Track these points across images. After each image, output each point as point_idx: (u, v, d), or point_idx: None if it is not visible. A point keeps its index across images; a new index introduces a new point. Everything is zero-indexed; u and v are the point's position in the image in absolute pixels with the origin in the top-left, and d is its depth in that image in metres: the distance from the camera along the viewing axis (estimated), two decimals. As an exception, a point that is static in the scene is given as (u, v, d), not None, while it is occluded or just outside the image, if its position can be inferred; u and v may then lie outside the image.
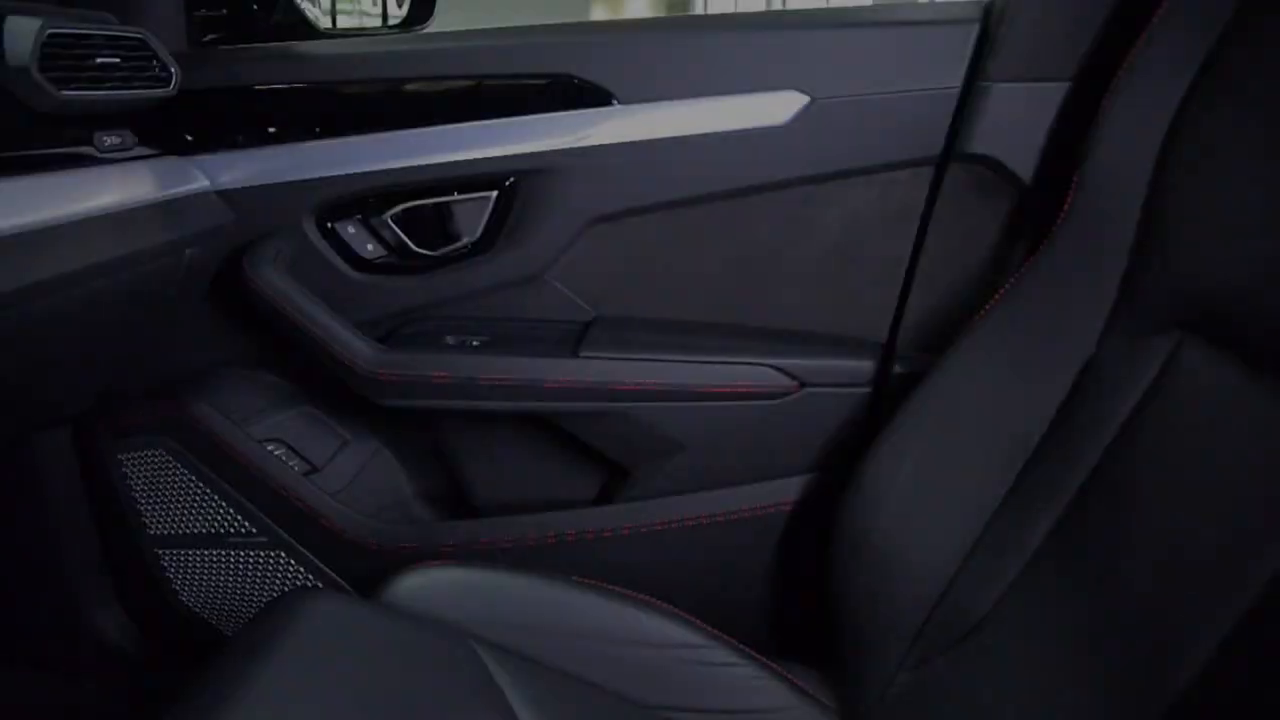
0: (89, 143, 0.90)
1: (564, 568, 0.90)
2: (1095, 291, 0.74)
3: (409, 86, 1.02)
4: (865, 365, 0.98)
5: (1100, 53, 0.85)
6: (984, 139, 0.91)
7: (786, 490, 0.99)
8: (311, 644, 0.73)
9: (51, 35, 0.80)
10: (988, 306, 0.82)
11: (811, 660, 0.91)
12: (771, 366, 0.97)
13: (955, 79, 0.92)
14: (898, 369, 0.97)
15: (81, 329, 0.90)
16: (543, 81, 0.98)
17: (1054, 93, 0.88)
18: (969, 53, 0.92)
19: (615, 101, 0.96)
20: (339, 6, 1.39)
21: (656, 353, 0.98)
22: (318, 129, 1.02)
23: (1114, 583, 0.62)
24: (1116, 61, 0.78)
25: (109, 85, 0.86)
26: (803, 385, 0.98)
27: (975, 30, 0.92)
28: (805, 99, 0.94)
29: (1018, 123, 0.90)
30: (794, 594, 1.02)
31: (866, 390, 0.98)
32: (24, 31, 0.78)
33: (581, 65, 0.97)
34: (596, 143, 0.97)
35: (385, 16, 1.43)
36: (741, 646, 0.87)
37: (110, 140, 0.92)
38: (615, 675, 0.83)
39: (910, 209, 0.98)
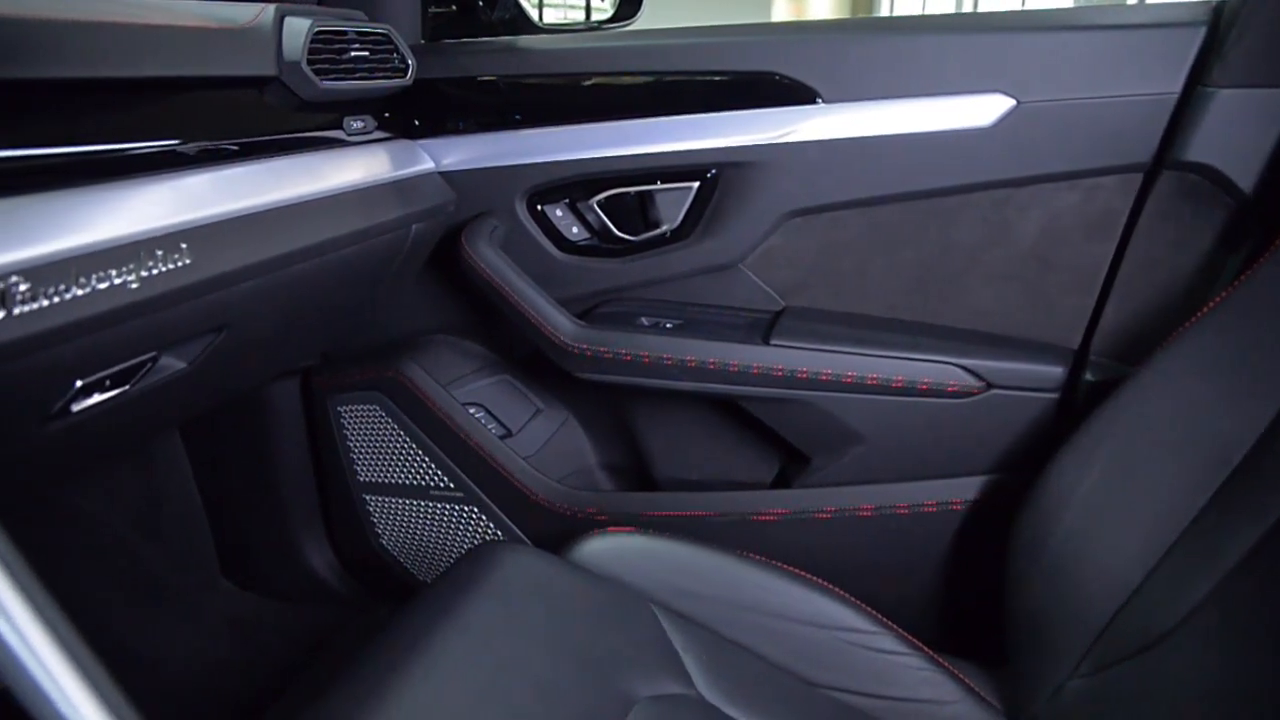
0: (339, 127, 1.00)
1: (737, 545, 0.94)
2: None
3: (619, 80, 1.08)
4: (1054, 370, 0.97)
5: None
6: (1202, 146, 0.88)
7: (965, 489, 1.00)
8: (507, 590, 0.80)
9: (318, 33, 0.90)
10: (1195, 317, 0.80)
11: (977, 657, 0.92)
12: (958, 365, 0.98)
13: (1174, 84, 0.90)
14: (1089, 376, 0.96)
15: (321, 292, 1.00)
16: (749, 78, 1.02)
17: None
18: (1191, 57, 0.90)
19: (820, 100, 0.99)
20: (546, 1, 1.47)
21: (844, 345, 1.00)
22: (533, 118, 1.09)
23: None
24: None
25: (359, 75, 0.96)
26: (989, 386, 0.98)
27: (1201, 34, 0.89)
28: (1011, 102, 0.94)
29: (1242, 131, 0.87)
30: (964, 591, 1.03)
31: (1054, 396, 0.97)
32: (297, 30, 0.89)
33: (788, 64, 0.99)
34: (799, 139, 1.00)
35: (589, 11, 1.50)
36: (909, 637, 0.89)
37: (357, 125, 1.02)
38: (784, 650, 0.87)
39: (1114, 215, 0.96)
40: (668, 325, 1.06)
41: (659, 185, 1.07)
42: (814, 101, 0.99)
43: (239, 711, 1.21)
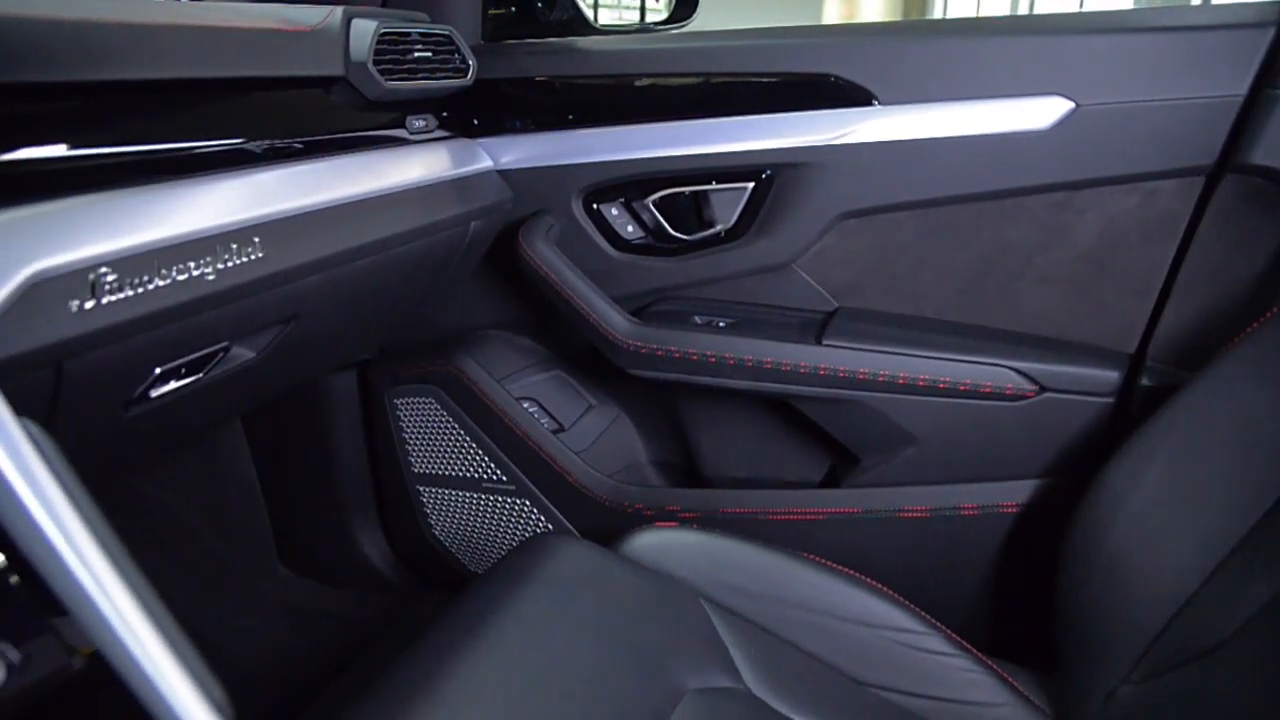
0: (402, 126, 1.03)
1: (786, 543, 0.94)
2: None
3: (675, 81, 1.09)
4: (1110, 375, 0.97)
5: None
6: (1268, 149, 0.87)
7: (1016, 492, 1.00)
8: (559, 581, 0.81)
9: (383, 34, 0.93)
10: (1256, 323, 0.79)
11: (1026, 661, 0.91)
12: (1011, 368, 0.97)
13: (1240, 86, 0.89)
14: (1145, 381, 0.95)
15: (382, 286, 1.03)
16: (805, 80, 1.02)
17: None
18: (1259, 59, 0.88)
19: (876, 102, 0.99)
20: (601, 1, 1.49)
21: (897, 346, 1.00)
22: (590, 118, 1.11)
23: None
24: None
25: (422, 76, 0.99)
26: (1042, 390, 0.97)
27: (1269, 35, 0.88)
28: (1070, 105, 0.94)
29: None
30: (1013, 594, 1.03)
31: (1109, 400, 0.97)
32: (364, 31, 0.91)
33: (844, 65, 1.00)
34: (855, 141, 1.00)
35: (644, 13, 1.52)
36: (958, 638, 0.89)
37: (419, 124, 1.05)
38: (831, 648, 0.87)
39: (1173, 219, 0.95)
40: (721, 324, 1.07)
41: (714, 185, 1.08)
42: (870, 103, 0.99)
43: (295, 693, 1.24)
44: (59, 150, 0.64)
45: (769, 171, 1.05)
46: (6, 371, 0.52)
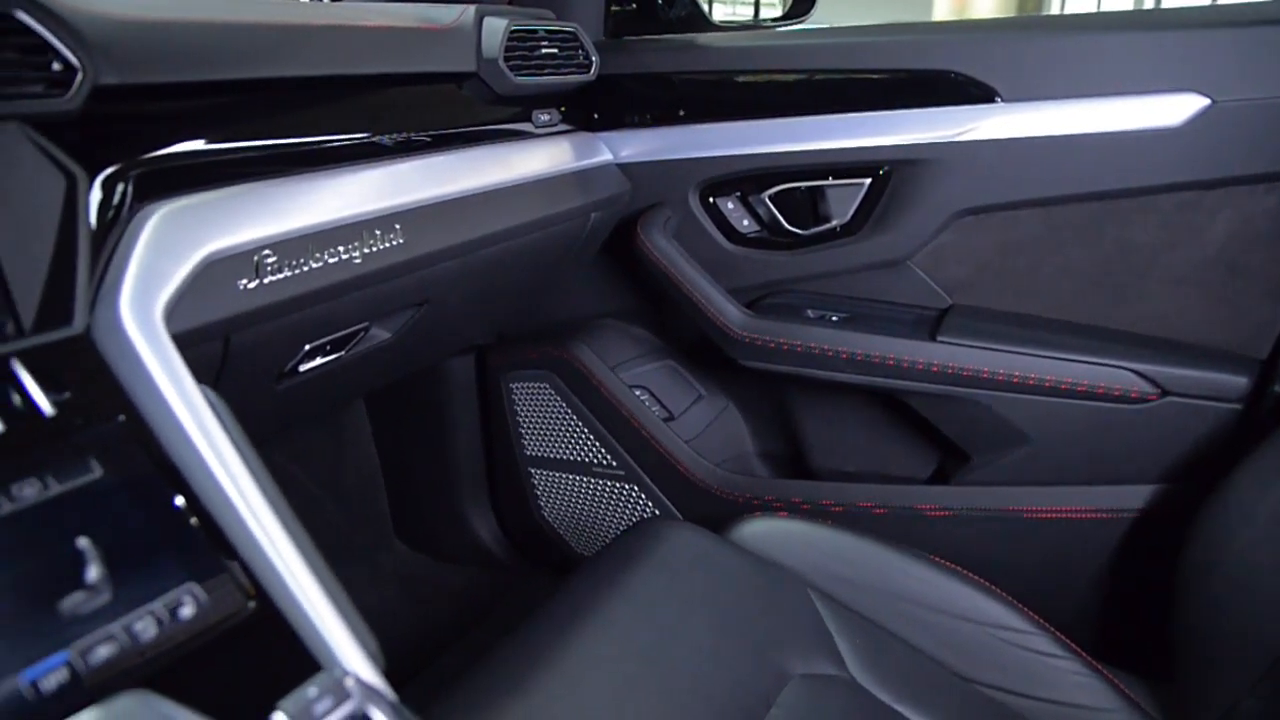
0: (528, 119, 1.07)
1: (891, 537, 0.94)
2: None
3: (793, 77, 1.10)
4: (1238, 380, 0.94)
5: None
6: None
7: (1133, 497, 0.98)
8: (670, 564, 0.84)
9: (513, 31, 0.97)
10: None
11: (1134, 668, 0.90)
12: (1132, 370, 0.96)
13: None
14: (1277, 388, 0.92)
15: (507, 273, 1.07)
16: (925, 77, 1.02)
17: None
18: None
19: (999, 99, 0.98)
20: (715, -2, 1.50)
21: (1013, 344, 0.99)
22: (709, 113, 1.13)
23: None
24: None
25: (548, 71, 1.02)
26: (1164, 393, 0.95)
27: None
28: (1205, 101, 0.91)
29: None
30: (1126, 600, 1.01)
31: (1236, 406, 0.94)
32: (495, 29, 0.96)
33: (966, 62, 0.99)
34: (976, 138, 0.99)
35: (757, 9, 1.53)
36: (1067, 640, 0.88)
37: (544, 118, 1.09)
38: (937, 643, 0.88)
39: None
40: (834, 318, 1.08)
41: (830, 181, 1.09)
42: (992, 100, 0.99)
43: (406, 661, 1.30)
44: (222, 143, 0.70)
45: (886, 168, 1.06)
46: (187, 342, 0.57)
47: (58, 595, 0.42)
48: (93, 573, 0.44)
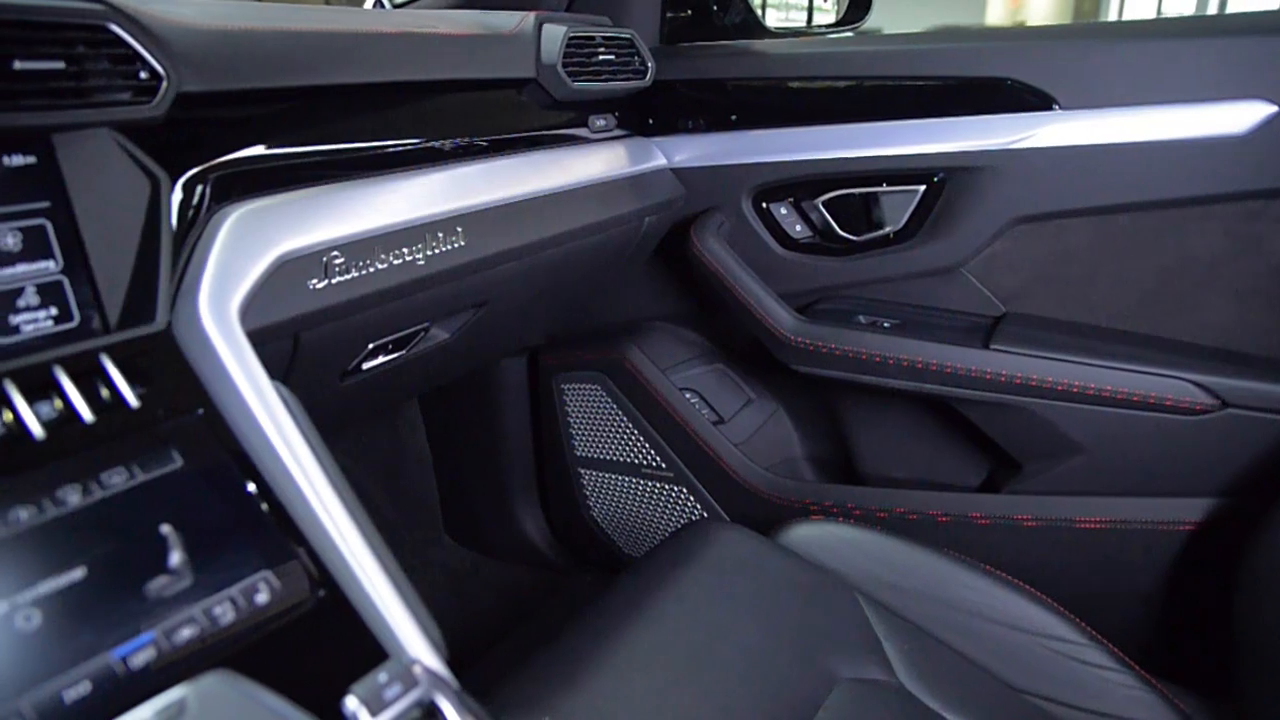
0: (584, 124, 1.09)
1: (940, 544, 0.94)
2: None
3: (848, 84, 1.10)
4: None
5: None
6: None
7: (1190, 510, 0.97)
8: (720, 565, 0.85)
9: (572, 38, 0.98)
10: None
11: (1190, 683, 0.89)
12: (1191, 381, 0.94)
13: None
14: None
15: (562, 276, 1.09)
16: (981, 84, 1.02)
17: None
18: None
19: (1057, 106, 0.98)
20: (769, 2, 1.51)
21: (1068, 353, 0.98)
22: (763, 119, 1.13)
23: None
24: None
25: (604, 77, 1.04)
26: (1224, 405, 0.94)
27: None
28: (1271, 109, 0.90)
29: None
30: (1182, 614, 0.99)
31: None
32: (554, 35, 0.97)
33: (1024, 69, 0.99)
34: (1033, 145, 0.99)
35: (811, 15, 1.53)
36: (1120, 653, 0.87)
37: (600, 123, 1.10)
38: (986, 652, 0.87)
39: None
40: (885, 324, 1.08)
41: (884, 188, 1.09)
42: (1050, 108, 0.98)
43: (452, 655, 1.32)
44: (293, 146, 0.73)
45: (941, 175, 1.05)
46: (260, 339, 0.59)
47: (144, 578, 0.45)
48: (175, 558, 0.46)
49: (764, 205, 1.15)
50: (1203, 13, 6.45)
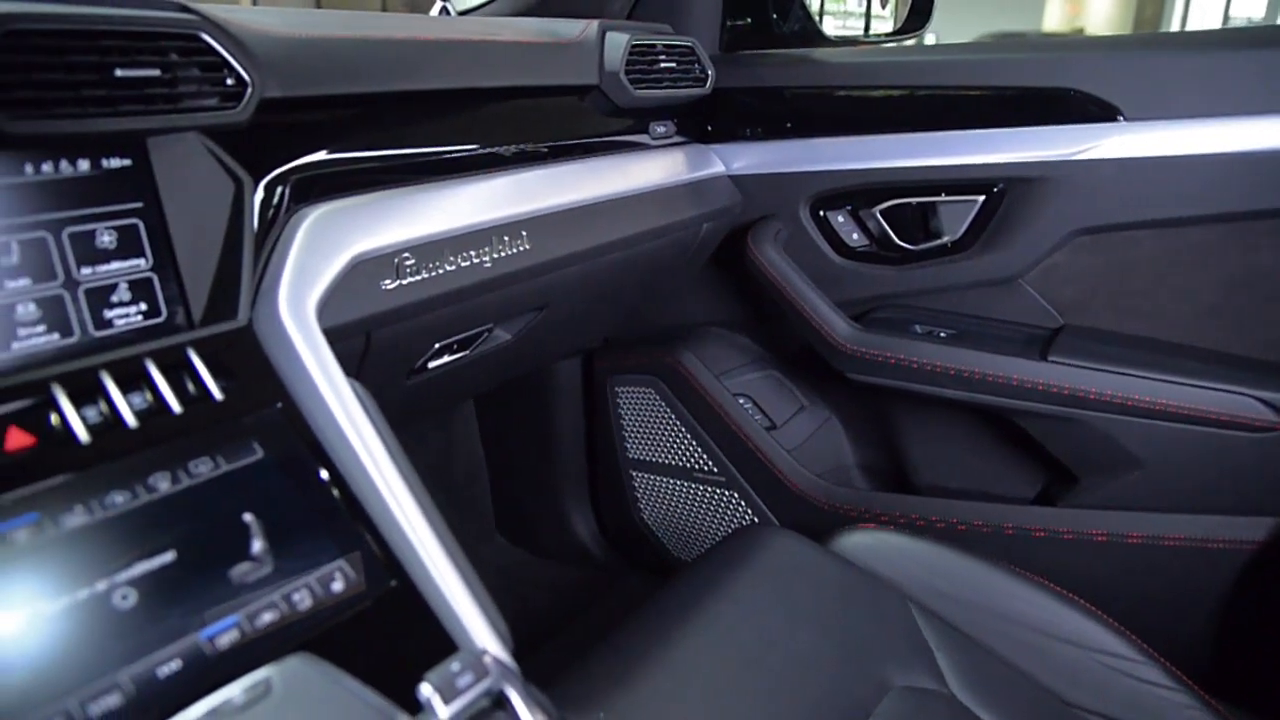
0: (645, 131, 1.10)
1: (994, 556, 0.94)
2: None
3: (907, 93, 1.10)
4: None
5: None
6: None
7: (1252, 529, 0.95)
8: (772, 569, 0.85)
9: (634, 46, 1.00)
10: None
11: (1249, 704, 0.87)
12: (1255, 398, 0.93)
13: None
14: None
15: (621, 280, 1.10)
16: (1044, 94, 1.01)
17: None
18: None
19: (1122, 118, 0.97)
20: (826, 9, 1.51)
21: (1127, 366, 0.97)
22: (822, 127, 1.14)
23: None
24: None
25: (666, 85, 1.05)
26: None
27: None
28: None
29: None
30: (1241, 634, 0.98)
31: None
32: (617, 43, 0.99)
33: (1089, 80, 0.98)
34: (1096, 156, 0.98)
35: (868, 23, 1.52)
36: (1177, 672, 0.86)
37: (660, 130, 1.12)
38: (1039, 665, 0.86)
39: None
40: (942, 334, 1.07)
41: (943, 197, 1.09)
42: (1115, 119, 0.97)
43: None
44: (367, 150, 0.75)
45: (1001, 185, 1.05)
46: (335, 337, 0.62)
47: (229, 564, 0.47)
48: (257, 545, 0.48)
49: (821, 213, 1.16)
50: (1273, 21, 6.30)
